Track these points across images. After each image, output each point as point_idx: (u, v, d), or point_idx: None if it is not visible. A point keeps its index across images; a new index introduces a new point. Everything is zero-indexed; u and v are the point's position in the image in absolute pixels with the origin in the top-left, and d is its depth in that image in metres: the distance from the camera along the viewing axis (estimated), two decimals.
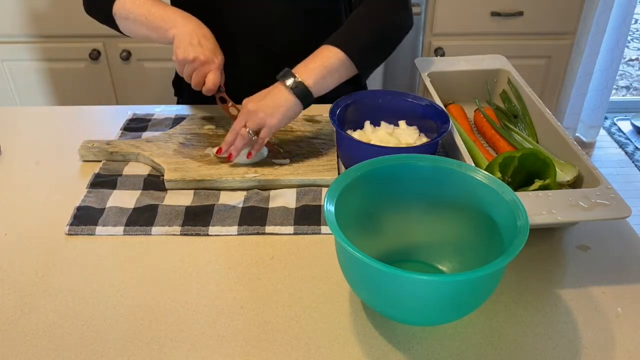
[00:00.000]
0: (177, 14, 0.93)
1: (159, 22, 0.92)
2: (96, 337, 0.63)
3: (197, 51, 0.87)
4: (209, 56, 0.88)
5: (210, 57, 0.88)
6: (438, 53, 1.92)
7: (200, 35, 0.89)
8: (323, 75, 0.87)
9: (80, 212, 0.81)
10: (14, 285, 0.70)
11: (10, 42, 1.87)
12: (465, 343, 0.62)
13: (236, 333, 0.63)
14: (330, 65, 0.88)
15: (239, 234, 0.78)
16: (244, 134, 0.86)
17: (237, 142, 0.87)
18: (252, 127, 0.86)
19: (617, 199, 0.71)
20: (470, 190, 0.66)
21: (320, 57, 0.89)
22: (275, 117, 0.85)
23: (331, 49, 0.89)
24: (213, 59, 0.89)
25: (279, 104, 0.86)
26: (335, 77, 0.89)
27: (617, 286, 0.70)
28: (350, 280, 0.62)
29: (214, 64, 0.89)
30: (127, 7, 0.96)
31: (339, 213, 0.59)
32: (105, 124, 1.05)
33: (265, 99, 0.87)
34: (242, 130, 0.87)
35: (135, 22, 0.96)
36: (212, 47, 0.90)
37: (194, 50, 0.87)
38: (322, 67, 0.87)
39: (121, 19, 0.97)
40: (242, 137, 0.87)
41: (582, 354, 0.61)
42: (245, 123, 0.87)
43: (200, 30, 0.90)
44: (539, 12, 1.86)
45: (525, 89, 0.98)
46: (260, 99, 0.87)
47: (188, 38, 0.88)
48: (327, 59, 0.88)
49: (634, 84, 3.27)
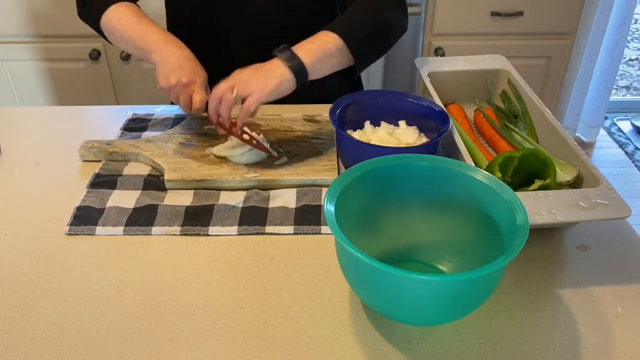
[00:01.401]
0: (159, 36, 0.92)
1: (140, 44, 0.93)
2: (96, 337, 0.63)
3: (177, 75, 0.87)
4: (190, 77, 0.87)
5: (191, 78, 0.88)
6: (438, 53, 1.93)
7: (180, 58, 0.89)
8: (320, 58, 0.87)
9: (80, 212, 0.81)
10: (14, 285, 0.70)
11: (10, 42, 1.87)
12: (465, 343, 0.62)
13: (236, 333, 0.63)
14: (329, 49, 0.88)
15: (239, 234, 0.78)
16: (229, 99, 0.83)
17: (222, 109, 0.85)
18: (241, 93, 0.84)
19: (617, 199, 0.71)
20: (470, 190, 0.66)
21: (318, 40, 0.88)
22: (267, 87, 0.84)
23: (329, 35, 0.89)
24: (195, 79, 0.88)
25: (274, 76, 0.84)
26: (332, 62, 0.89)
27: (617, 286, 0.70)
28: (350, 280, 0.62)
29: (196, 83, 0.88)
30: (113, 23, 0.96)
31: (339, 213, 0.59)
32: (105, 124, 1.05)
33: (260, 70, 0.85)
34: (227, 95, 0.83)
35: (120, 39, 0.97)
36: (192, 68, 0.89)
37: (175, 75, 0.87)
38: (319, 50, 0.87)
39: (107, 32, 0.99)
40: (227, 103, 0.84)
41: (582, 354, 0.61)
42: (230, 88, 0.84)
43: (180, 52, 0.90)
44: (539, 12, 1.86)
45: (525, 89, 0.98)
46: (255, 69, 0.86)
47: (168, 63, 0.88)
48: (325, 43, 0.88)
49: (634, 84, 3.27)
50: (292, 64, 0.85)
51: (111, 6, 0.97)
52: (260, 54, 1.05)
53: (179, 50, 0.90)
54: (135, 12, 0.97)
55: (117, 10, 0.96)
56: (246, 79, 0.85)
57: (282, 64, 0.85)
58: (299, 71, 0.85)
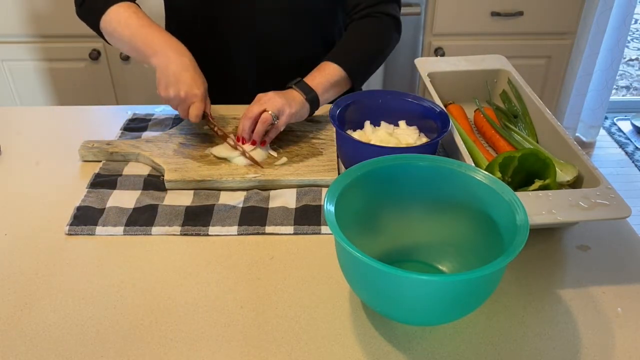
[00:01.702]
0: (160, 38, 0.92)
1: (141, 47, 0.93)
2: (96, 337, 0.63)
3: (176, 89, 0.89)
4: (188, 90, 0.89)
5: (189, 92, 0.89)
6: (438, 53, 1.93)
7: (180, 67, 0.89)
8: (326, 89, 0.96)
9: (80, 212, 0.81)
10: (14, 285, 0.70)
11: (10, 42, 1.87)
12: (465, 343, 0.62)
13: (236, 333, 0.63)
14: (335, 81, 0.97)
15: (239, 234, 0.78)
16: (267, 117, 0.88)
17: (258, 127, 0.89)
18: (273, 110, 0.89)
19: (617, 199, 0.71)
20: (470, 190, 0.66)
21: (325, 73, 0.97)
22: (293, 109, 0.91)
23: (333, 66, 0.98)
24: (194, 92, 0.90)
25: (296, 103, 0.92)
26: (337, 90, 0.99)
27: (617, 286, 0.70)
28: (350, 280, 0.62)
29: (196, 96, 0.90)
30: (113, 25, 0.96)
31: (339, 213, 0.59)
32: (105, 124, 1.05)
33: (285, 95, 0.91)
34: (265, 115, 0.88)
35: (120, 41, 0.97)
36: (192, 79, 0.90)
37: (173, 89, 0.89)
38: (327, 82, 0.96)
39: (107, 34, 0.99)
40: (265, 121, 0.89)
41: (582, 354, 0.61)
42: (263, 108, 0.89)
43: (180, 60, 0.90)
44: (539, 12, 1.86)
45: (525, 89, 0.98)
46: (279, 94, 0.91)
47: (167, 72, 0.90)
48: (332, 76, 0.97)
49: (634, 84, 3.27)
50: (309, 97, 0.94)
51: (111, 7, 0.95)
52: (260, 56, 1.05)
53: (179, 58, 0.90)
54: (135, 13, 0.95)
55: (117, 11, 0.95)
56: (275, 101, 0.90)
57: (299, 94, 0.93)
58: (313, 102, 0.95)
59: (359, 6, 1.05)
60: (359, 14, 1.05)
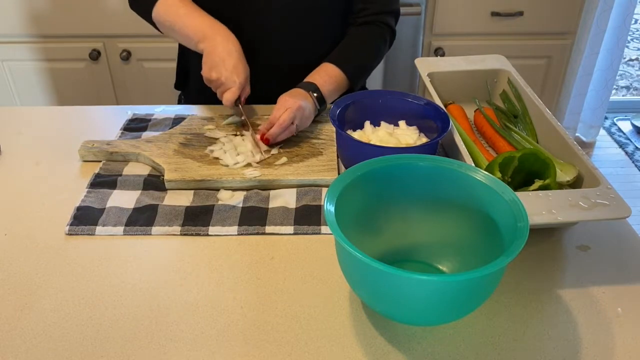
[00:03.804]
0: (208, 25, 0.98)
1: (189, 34, 0.99)
2: (96, 337, 0.63)
3: (218, 73, 0.95)
4: (228, 76, 0.94)
5: (229, 78, 0.94)
6: (438, 53, 1.92)
7: (225, 53, 0.95)
8: (330, 90, 1.01)
9: (80, 212, 0.81)
10: (14, 285, 0.70)
11: (10, 42, 1.87)
12: (465, 343, 0.62)
13: (236, 333, 0.63)
14: (337, 82, 1.02)
15: (239, 234, 0.78)
16: (293, 130, 0.94)
17: (283, 135, 0.94)
18: (298, 123, 0.94)
19: (617, 199, 0.71)
20: (470, 190, 0.66)
21: (328, 74, 1.01)
22: (309, 119, 0.97)
23: (334, 68, 1.02)
24: (233, 79, 0.95)
25: (309, 108, 0.96)
26: (338, 92, 1.03)
27: (617, 286, 0.70)
28: (350, 280, 0.62)
29: (235, 83, 0.95)
30: (162, 15, 1.02)
31: (339, 213, 0.59)
32: (105, 124, 1.05)
33: (304, 101, 0.95)
34: (292, 127, 0.94)
35: (170, 30, 1.03)
36: (234, 65, 0.95)
37: (216, 72, 0.95)
38: (329, 82, 1.01)
39: (158, 24, 1.05)
40: (291, 132, 0.94)
41: (582, 354, 0.61)
42: (293, 118, 0.93)
43: (226, 46, 0.95)
44: (539, 12, 1.86)
45: (525, 89, 0.98)
46: (301, 99, 0.95)
47: (213, 56, 0.95)
48: (334, 77, 1.02)
49: (634, 84, 3.27)
50: (317, 98, 0.98)
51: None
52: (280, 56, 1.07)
53: (225, 43, 0.96)
54: (183, 2, 1.01)
55: (165, 2, 1.02)
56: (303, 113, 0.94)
57: (311, 97, 0.98)
58: (321, 102, 0.99)
59: (364, 11, 1.08)
60: (362, 19, 1.09)
